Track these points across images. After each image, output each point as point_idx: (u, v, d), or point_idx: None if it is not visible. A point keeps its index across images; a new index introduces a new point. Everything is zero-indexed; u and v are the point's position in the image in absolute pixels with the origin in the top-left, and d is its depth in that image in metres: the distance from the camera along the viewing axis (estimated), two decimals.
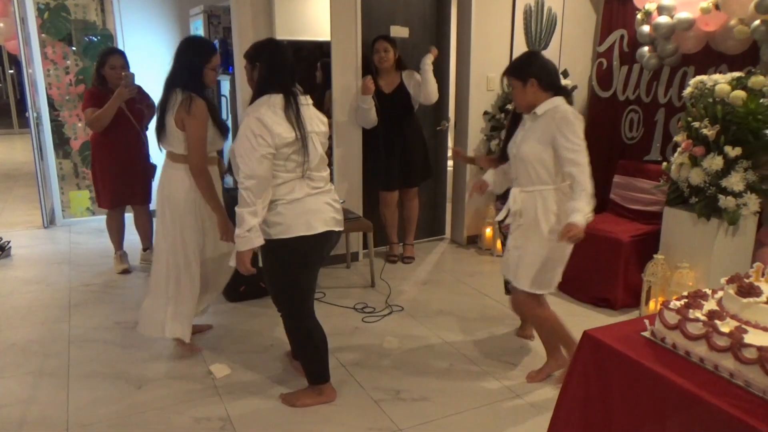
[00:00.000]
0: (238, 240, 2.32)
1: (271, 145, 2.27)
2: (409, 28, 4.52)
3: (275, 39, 2.57)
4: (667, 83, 4.25)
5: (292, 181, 2.37)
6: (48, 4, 5.30)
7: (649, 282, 3.48)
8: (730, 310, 1.76)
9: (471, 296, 3.91)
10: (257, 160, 2.25)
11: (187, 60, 2.76)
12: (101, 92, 3.93)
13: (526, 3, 4.71)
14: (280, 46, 2.46)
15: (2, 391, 2.75)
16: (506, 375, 2.92)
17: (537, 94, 2.58)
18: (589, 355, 1.89)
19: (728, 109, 3.18)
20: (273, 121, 2.27)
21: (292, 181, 2.37)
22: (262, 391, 2.76)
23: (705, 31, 3.76)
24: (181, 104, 2.71)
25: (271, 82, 2.35)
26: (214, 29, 5.04)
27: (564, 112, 2.52)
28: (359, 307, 3.72)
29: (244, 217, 2.28)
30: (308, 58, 4.53)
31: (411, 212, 4.57)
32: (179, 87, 2.74)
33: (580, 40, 5.00)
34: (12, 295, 3.90)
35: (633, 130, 4.56)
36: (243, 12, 3.87)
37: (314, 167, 2.43)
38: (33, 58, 5.23)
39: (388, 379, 2.88)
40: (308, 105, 2.45)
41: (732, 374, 1.56)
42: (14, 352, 3.12)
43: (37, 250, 4.79)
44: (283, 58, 2.39)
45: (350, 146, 4.36)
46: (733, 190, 3.15)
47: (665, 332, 1.76)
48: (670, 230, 3.51)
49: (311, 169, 2.41)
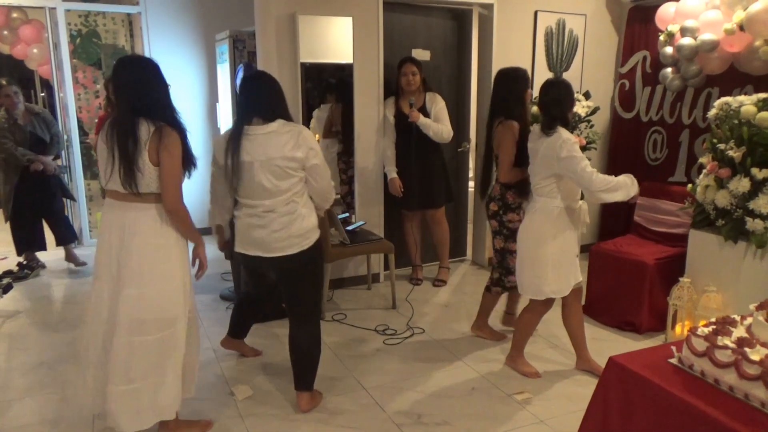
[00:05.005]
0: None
1: (215, 162, 2.69)
2: (430, 51, 4.57)
3: (249, 75, 2.79)
4: (691, 104, 4.22)
5: (236, 199, 2.70)
6: (80, 30, 5.48)
7: (675, 306, 3.42)
8: (761, 337, 1.73)
9: (493, 318, 3.87)
10: (215, 177, 2.75)
11: None
12: None
13: (547, 25, 4.74)
14: (243, 83, 2.71)
15: (29, 411, 2.80)
16: (529, 399, 2.88)
17: None
18: (614, 382, 1.86)
19: (754, 130, 3.13)
20: (215, 144, 2.68)
21: (236, 199, 2.70)
22: (284, 413, 2.76)
23: (729, 52, 3.74)
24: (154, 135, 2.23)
25: (235, 113, 2.74)
26: (239, 54, 5.14)
27: None
28: (380, 329, 3.71)
29: (213, 214, 2.87)
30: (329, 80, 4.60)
31: (441, 235, 4.53)
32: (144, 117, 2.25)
33: (602, 61, 5.00)
34: (40, 314, 3.97)
35: (657, 152, 4.53)
36: (267, 37, 3.95)
37: (250, 194, 2.61)
38: (65, 83, 5.39)
39: (409, 403, 2.86)
40: (263, 134, 2.53)
41: (763, 404, 1.53)
42: (42, 371, 3.17)
43: (66, 269, 4.88)
44: (242, 94, 2.67)
45: (370, 168, 4.39)
46: (761, 213, 3.09)
47: (693, 359, 1.73)
48: (696, 253, 3.46)
49: (245, 196, 2.62)
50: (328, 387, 2.97)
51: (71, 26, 5.45)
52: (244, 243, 2.71)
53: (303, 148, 2.54)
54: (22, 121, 4.51)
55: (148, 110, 2.23)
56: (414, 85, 4.15)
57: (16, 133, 4.46)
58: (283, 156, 2.51)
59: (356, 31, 4.09)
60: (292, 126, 2.57)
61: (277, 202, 2.57)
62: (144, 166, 2.22)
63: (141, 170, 2.21)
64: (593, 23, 4.91)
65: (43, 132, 4.62)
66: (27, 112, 4.57)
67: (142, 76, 2.26)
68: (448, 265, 4.61)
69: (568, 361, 3.26)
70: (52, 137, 4.70)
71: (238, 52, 5.12)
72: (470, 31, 4.79)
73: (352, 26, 4.06)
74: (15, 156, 4.42)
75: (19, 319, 3.88)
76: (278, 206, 2.58)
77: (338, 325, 3.77)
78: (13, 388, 3.00)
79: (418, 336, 3.62)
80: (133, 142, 2.19)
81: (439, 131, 4.17)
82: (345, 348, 3.45)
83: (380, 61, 4.24)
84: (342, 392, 2.96)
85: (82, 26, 5.56)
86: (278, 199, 2.57)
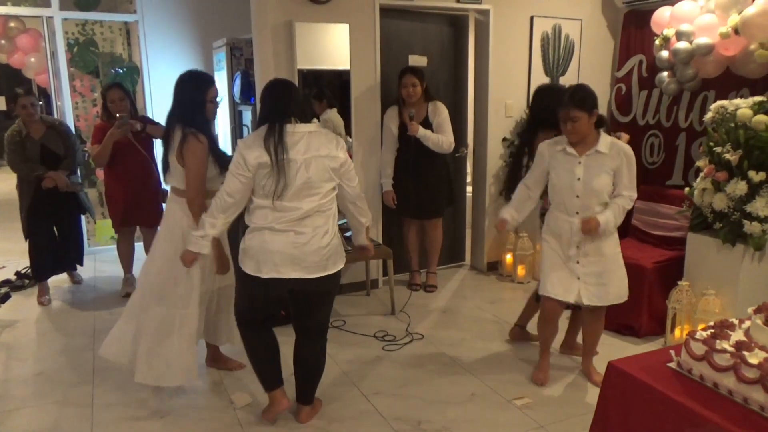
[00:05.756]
0: (192, 239, 2.47)
1: (244, 166, 2.40)
2: (427, 57, 4.58)
3: (276, 80, 2.62)
4: (688, 108, 4.23)
5: (263, 209, 2.44)
6: (77, 39, 5.49)
7: (674, 309, 3.42)
8: (759, 340, 1.73)
9: (492, 324, 3.87)
10: (229, 177, 2.44)
11: (187, 95, 2.74)
12: (108, 126, 4.01)
13: (543, 30, 4.75)
14: (272, 88, 2.54)
15: (27, 421, 2.78)
16: (529, 404, 2.88)
17: (592, 126, 2.76)
18: (614, 386, 1.86)
19: (751, 133, 3.15)
20: (245, 145, 2.43)
21: (263, 209, 2.44)
22: (283, 421, 2.75)
23: (725, 55, 3.75)
24: (180, 142, 2.68)
25: (262, 116, 2.51)
26: (237, 61, 5.16)
27: (626, 149, 2.79)
28: (380, 335, 3.70)
29: (204, 224, 2.46)
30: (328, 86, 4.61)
31: (434, 241, 4.53)
32: (179, 124, 2.71)
33: (598, 65, 5.02)
34: (37, 324, 3.96)
35: (654, 155, 4.54)
36: (264, 44, 3.96)
37: (293, 194, 2.41)
38: (62, 91, 5.39)
39: (409, 409, 2.85)
40: (306, 132, 2.46)
41: (762, 407, 1.53)
42: (39, 381, 3.16)
43: (63, 278, 4.87)
44: (273, 97, 2.51)
45: (368, 173, 4.39)
46: (759, 215, 3.10)
47: (692, 363, 1.73)
48: (694, 256, 3.46)
49: (286, 198, 2.41)
50: (327, 394, 2.96)
51: (68, 35, 5.46)
52: (278, 264, 2.42)
53: (343, 149, 2.54)
54: (36, 135, 4.14)
55: (180, 118, 2.71)
56: (414, 96, 4.12)
57: (27, 146, 4.10)
58: (328, 154, 2.46)
59: (353, 37, 4.10)
60: (327, 130, 2.58)
61: (317, 206, 2.45)
62: (173, 165, 2.73)
63: (171, 168, 2.76)
64: (589, 28, 4.93)
65: (57, 145, 4.21)
66: (42, 123, 4.19)
67: (176, 89, 2.76)
68: (435, 270, 4.62)
69: (568, 366, 3.25)
70: (67, 151, 4.26)
71: (235, 59, 5.15)
72: (467, 37, 4.81)
73: (348, 33, 4.07)
74: (24, 172, 4.10)
75: (17, 329, 3.86)
76: (317, 211, 2.45)
77: (337, 332, 3.76)
78: (11, 398, 2.98)
79: (417, 342, 3.62)
80: (165, 145, 2.76)
81: (438, 142, 4.15)
82: (344, 354, 3.44)
83: (377, 67, 4.25)
84: (341, 399, 2.95)
85: (79, 35, 5.57)
86: (319, 203, 2.45)
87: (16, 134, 4.09)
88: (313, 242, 2.44)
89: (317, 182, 2.44)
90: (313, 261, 2.45)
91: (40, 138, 4.15)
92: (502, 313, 4.01)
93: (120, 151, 4.03)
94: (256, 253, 2.44)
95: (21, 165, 4.10)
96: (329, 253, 2.49)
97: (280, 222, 2.42)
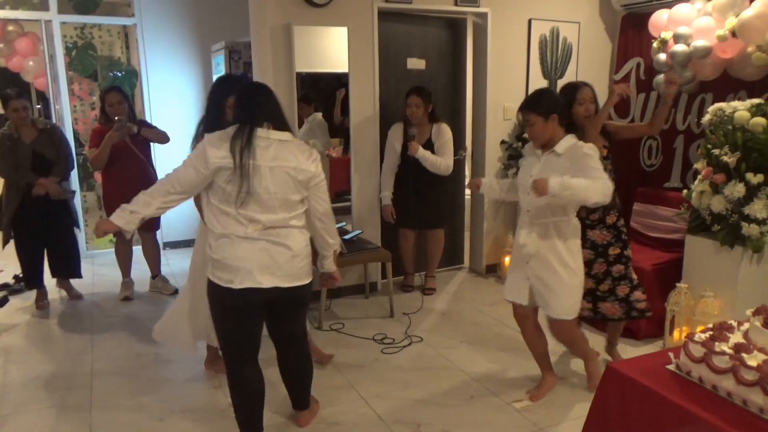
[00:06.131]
0: (120, 212, 2.38)
1: (204, 162, 2.27)
2: (425, 60, 4.59)
3: (256, 82, 2.58)
4: (686, 110, 4.24)
5: (226, 216, 2.31)
6: (76, 43, 5.48)
7: (673, 311, 3.42)
8: (758, 342, 1.73)
9: (491, 326, 3.87)
10: (186, 167, 2.32)
11: (213, 99, 2.82)
12: (106, 130, 4.01)
13: (541, 33, 4.76)
14: (252, 88, 2.48)
15: (25, 425, 2.78)
16: (528, 407, 2.87)
17: (556, 129, 2.71)
18: (612, 388, 1.86)
19: (748, 135, 3.15)
20: (210, 142, 2.31)
21: (226, 216, 2.31)
22: (282, 425, 2.75)
23: (722, 58, 3.76)
24: None
25: (235, 117, 2.42)
26: (235, 64, 5.17)
27: (582, 148, 2.66)
28: (378, 338, 3.70)
29: (139, 200, 2.38)
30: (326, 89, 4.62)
31: (435, 249, 4.54)
32: (205, 129, 2.71)
33: (596, 68, 5.03)
34: (36, 327, 3.95)
35: (652, 158, 4.54)
36: (263, 47, 3.96)
37: (258, 203, 2.29)
38: (60, 95, 5.39)
39: (408, 412, 2.85)
40: (276, 140, 2.32)
41: (761, 409, 1.53)
42: (37, 385, 3.15)
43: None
44: (252, 96, 2.41)
45: (367, 177, 4.40)
46: (756, 217, 3.10)
47: (691, 365, 1.73)
48: (692, 258, 3.46)
49: (250, 207, 2.28)
50: (326, 397, 2.96)
51: (67, 38, 5.46)
52: (252, 273, 2.30)
53: (315, 163, 2.41)
54: (27, 139, 3.98)
55: (205, 122, 2.83)
56: (417, 117, 4.12)
57: (18, 151, 3.93)
58: (297, 166, 2.33)
59: (352, 40, 4.11)
60: (300, 141, 2.49)
61: (282, 219, 2.34)
62: None
63: None
64: (587, 31, 4.94)
65: (49, 150, 4.04)
66: (34, 127, 4.02)
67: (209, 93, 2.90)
68: (434, 273, 4.62)
69: (567, 369, 3.25)
70: (60, 156, 4.09)
71: (233, 62, 5.15)
72: (465, 40, 4.82)
73: (347, 36, 4.08)
74: (14, 178, 3.95)
75: (15, 333, 3.86)
76: (283, 226, 2.35)
77: (336, 335, 3.76)
78: (8, 403, 2.98)
79: (416, 344, 3.62)
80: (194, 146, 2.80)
81: (435, 165, 4.14)
82: (343, 357, 3.43)
83: (376, 70, 4.26)
84: (340, 402, 2.95)
85: (77, 38, 5.57)
86: (284, 216, 2.35)
87: (6, 138, 3.93)
88: (285, 253, 2.34)
89: (281, 193, 2.31)
90: (287, 270, 2.35)
91: (31, 142, 3.99)
92: (500, 316, 4.00)
93: (117, 154, 4.04)
94: (227, 262, 2.30)
95: (11, 171, 3.96)
96: (301, 264, 2.40)
97: (248, 232, 2.30)
